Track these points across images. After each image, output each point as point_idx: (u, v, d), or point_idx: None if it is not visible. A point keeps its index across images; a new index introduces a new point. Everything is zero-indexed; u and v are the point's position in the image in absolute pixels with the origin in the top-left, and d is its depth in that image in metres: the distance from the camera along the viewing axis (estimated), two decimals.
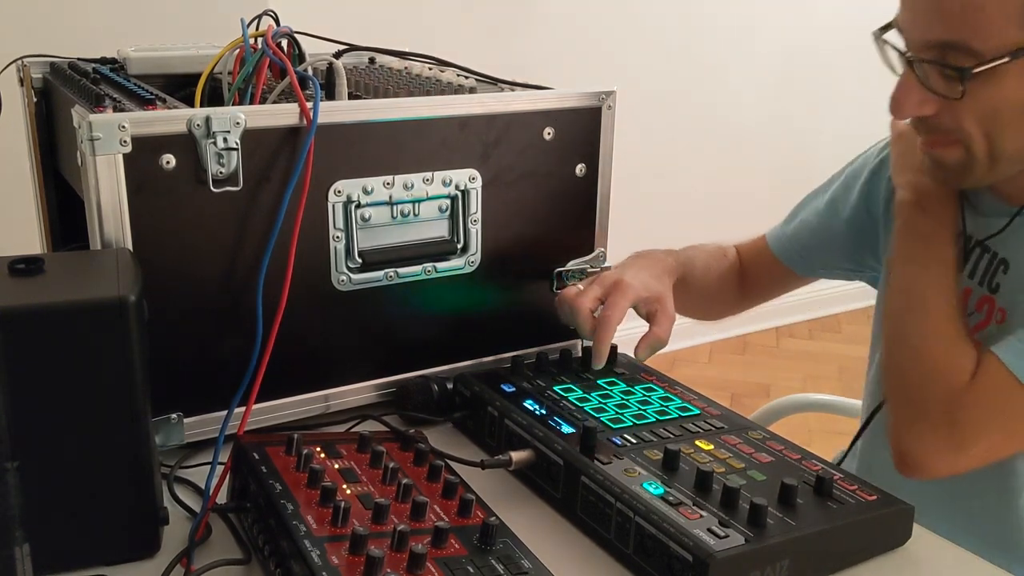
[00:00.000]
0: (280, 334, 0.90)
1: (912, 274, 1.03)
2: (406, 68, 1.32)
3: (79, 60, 1.30)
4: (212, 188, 0.91)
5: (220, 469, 0.87)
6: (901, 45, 0.96)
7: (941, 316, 1.00)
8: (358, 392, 1.05)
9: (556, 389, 1.01)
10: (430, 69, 1.27)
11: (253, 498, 0.82)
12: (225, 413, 0.89)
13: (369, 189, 0.99)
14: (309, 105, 0.93)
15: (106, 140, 0.86)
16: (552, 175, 1.10)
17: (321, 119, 0.93)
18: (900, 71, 0.97)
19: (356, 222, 1.00)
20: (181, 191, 0.90)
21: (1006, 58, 0.88)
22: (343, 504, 0.74)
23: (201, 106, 1.03)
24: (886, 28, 0.98)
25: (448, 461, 0.88)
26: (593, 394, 1.01)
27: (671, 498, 0.79)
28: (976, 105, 0.91)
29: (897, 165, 1.12)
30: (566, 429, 0.92)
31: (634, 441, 0.90)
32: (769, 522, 0.77)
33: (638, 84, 3.02)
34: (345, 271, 1.01)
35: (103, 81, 1.16)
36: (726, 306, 1.41)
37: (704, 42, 3.37)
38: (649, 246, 1.18)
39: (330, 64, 1.08)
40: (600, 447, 0.88)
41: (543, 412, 0.96)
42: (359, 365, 1.05)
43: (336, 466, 0.84)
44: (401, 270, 1.04)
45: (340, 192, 0.98)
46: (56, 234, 1.29)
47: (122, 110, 0.95)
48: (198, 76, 1.05)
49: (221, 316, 0.95)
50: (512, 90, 1.16)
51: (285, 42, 1.11)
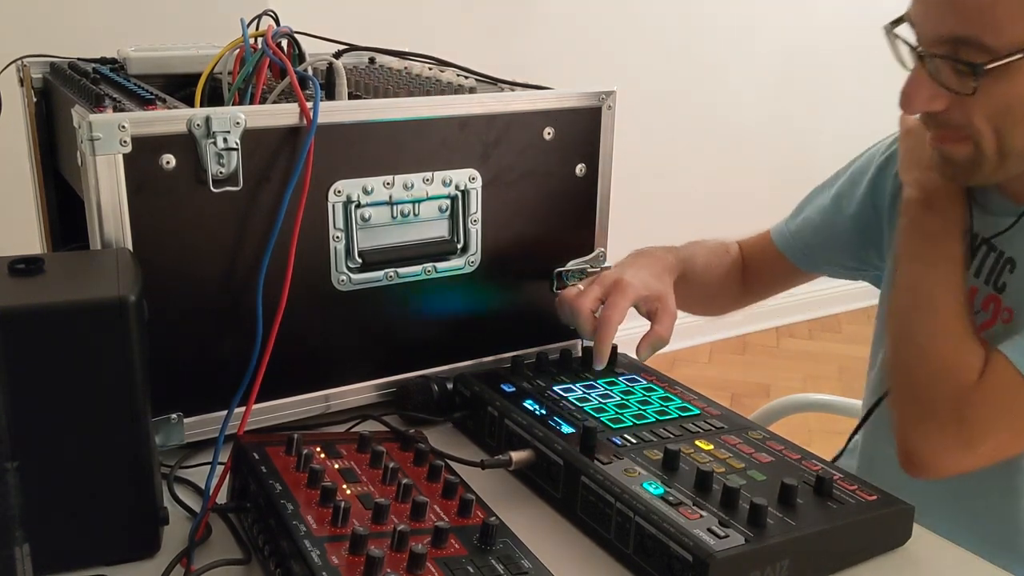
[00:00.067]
0: (280, 334, 0.90)
1: (919, 272, 1.03)
2: (406, 68, 1.32)
3: (79, 60, 1.30)
4: (212, 188, 0.91)
5: (220, 469, 0.87)
6: (912, 39, 0.95)
7: (949, 314, 0.99)
8: (358, 392, 1.05)
9: (556, 389, 1.01)
10: (430, 69, 1.27)
11: (253, 498, 0.82)
12: (225, 413, 0.89)
13: (369, 189, 1.00)
14: (309, 105, 0.93)
15: (106, 140, 0.86)
16: (552, 175, 1.10)
17: (321, 119, 0.93)
18: (911, 66, 0.96)
19: (356, 222, 1.00)
20: (181, 191, 0.90)
21: (1019, 54, 0.87)
22: (343, 504, 0.74)
23: (201, 106, 1.03)
24: (897, 22, 0.97)
25: (448, 461, 0.88)
26: (593, 394, 1.01)
27: (671, 498, 0.79)
28: (987, 101, 0.91)
29: (905, 161, 1.11)
30: (566, 429, 0.92)
31: (634, 441, 0.90)
32: (769, 522, 0.77)
33: (638, 84, 3.02)
34: (345, 271, 1.01)
35: (103, 81, 1.16)
36: (727, 302, 1.40)
37: (704, 42, 3.37)
38: (649, 246, 1.18)
39: (330, 64, 1.08)
40: (600, 447, 0.88)
41: (543, 412, 0.96)
42: (359, 365, 1.05)
43: (336, 466, 0.84)
44: (401, 270, 1.04)
45: (340, 192, 0.98)
46: (56, 234, 1.29)
47: (122, 110, 0.95)
48: (198, 76, 1.06)
49: (221, 316, 0.95)
50: (512, 90, 1.16)
51: (285, 42, 1.11)
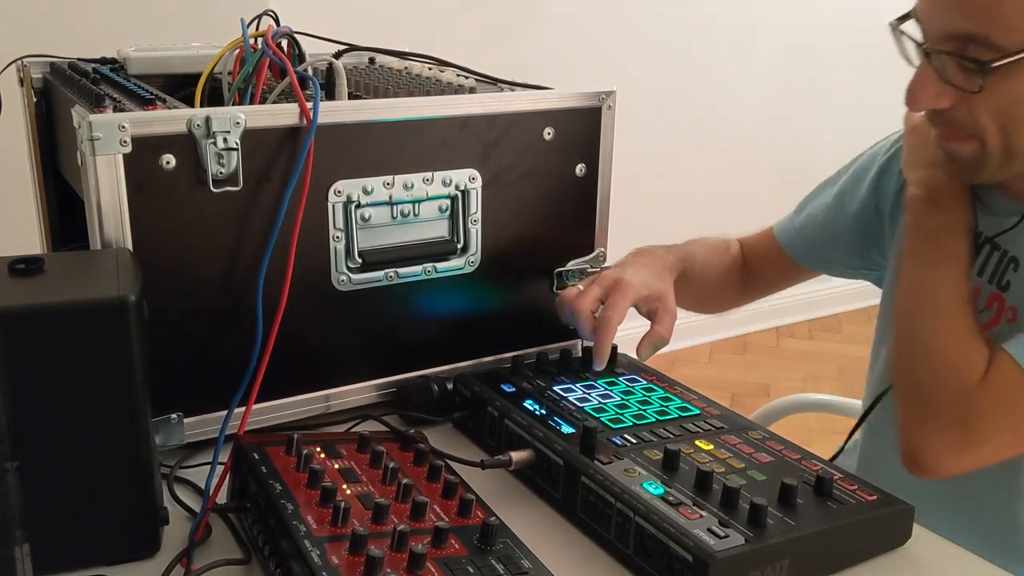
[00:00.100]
0: (280, 334, 0.90)
1: (923, 270, 1.02)
2: (406, 68, 1.32)
3: (79, 60, 1.30)
4: (212, 188, 0.91)
5: (220, 469, 0.87)
6: (918, 36, 0.95)
7: (953, 312, 0.99)
8: (358, 392, 1.05)
9: (556, 389, 1.01)
10: (430, 69, 1.27)
11: (253, 498, 0.82)
12: (225, 413, 0.89)
13: (369, 189, 0.99)
14: (309, 105, 0.93)
15: (106, 140, 0.86)
16: (552, 175, 1.10)
17: (321, 119, 0.93)
18: (916, 63, 0.96)
19: (356, 222, 1.00)
20: (181, 191, 0.90)
21: None
22: (343, 504, 0.74)
23: (201, 106, 1.03)
24: (904, 18, 0.97)
25: (448, 461, 0.88)
26: (593, 394, 1.01)
27: (671, 498, 0.79)
28: (994, 99, 0.91)
29: (909, 159, 1.11)
30: (566, 429, 0.92)
31: (634, 441, 0.90)
32: (769, 522, 0.77)
33: (638, 84, 3.01)
34: (345, 271, 1.00)
35: (103, 81, 1.16)
36: (727, 300, 1.40)
37: (704, 42, 3.37)
38: (649, 244, 1.18)
39: (330, 64, 1.08)
40: (600, 447, 0.88)
41: (543, 412, 0.96)
42: (359, 365, 1.05)
43: (336, 466, 0.84)
44: (401, 270, 1.04)
45: (340, 192, 0.98)
46: (56, 234, 1.29)
47: (122, 110, 0.95)
48: (198, 76, 1.05)
49: (221, 316, 0.95)
50: (512, 90, 1.16)
51: (285, 42, 1.11)
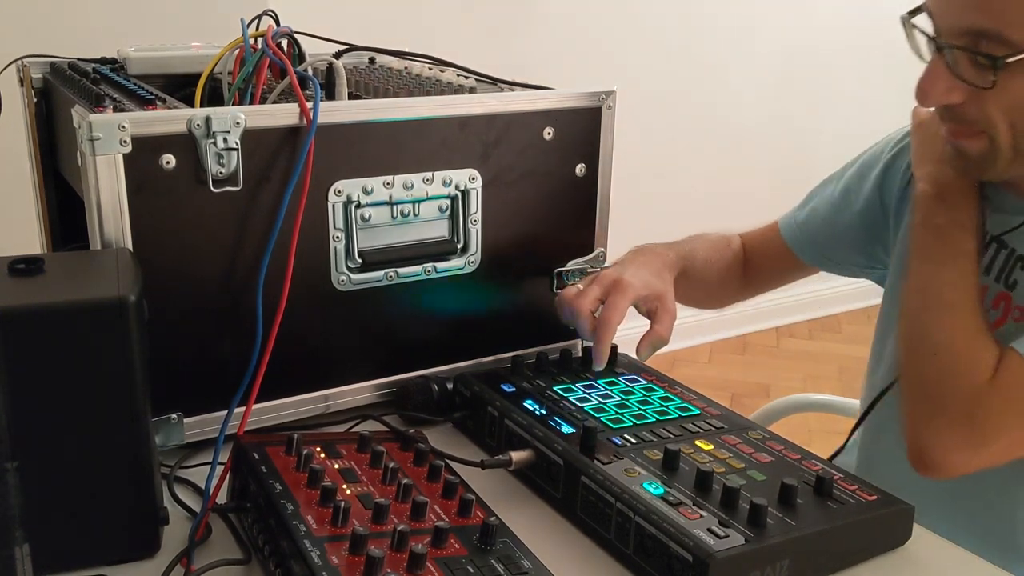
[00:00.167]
0: (280, 334, 0.90)
1: (932, 268, 1.02)
2: (406, 68, 1.32)
3: (79, 60, 1.30)
4: (212, 188, 0.91)
5: (220, 469, 0.87)
6: (930, 30, 0.94)
7: (962, 309, 0.98)
8: (358, 392, 1.05)
9: (556, 389, 1.01)
10: (430, 69, 1.27)
11: (253, 498, 0.82)
12: (225, 413, 0.89)
13: (369, 189, 0.99)
14: (309, 105, 0.93)
15: (106, 140, 0.86)
16: (552, 175, 1.10)
17: (321, 119, 0.93)
18: (928, 57, 0.95)
19: (356, 222, 1.00)
20: (181, 191, 0.90)
21: None
22: (343, 504, 0.74)
23: (201, 106, 1.03)
24: (915, 12, 0.96)
25: (448, 461, 0.88)
26: (593, 394, 1.01)
27: (671, 498, 0.79)
28: (1005, 96, 0.90)
29: (917, 155, 1.10)
30: (566, 429, 0.92)
31: (634, 441, 0.90)
32: (769, 522, 0.77)
33: (638, 84, 3.02)
34: (345, 271, 1.01)
35: (103, 81, 1.16)
36: (728, 295, 1.40)
37: (704, 42, 3.37)
38: (649, 243, 1.18)
39: (330, 64, 1.08)
40: (600, 447, 0.88)
41: (543, 412, 0.96)
42: (359, 365, 1.05)
43: (336, 466, 0.84)
44: (401, 270, 1.04)
45: (340, 192, 0.98)
46: (56, 234, 1.29)
47: (122, 110, 0.95)
48: (198, 76, 1.05)
49: (221, 316, 0.95)
50: (512, 90, 1.16)
51: (285, 42, 1.11)
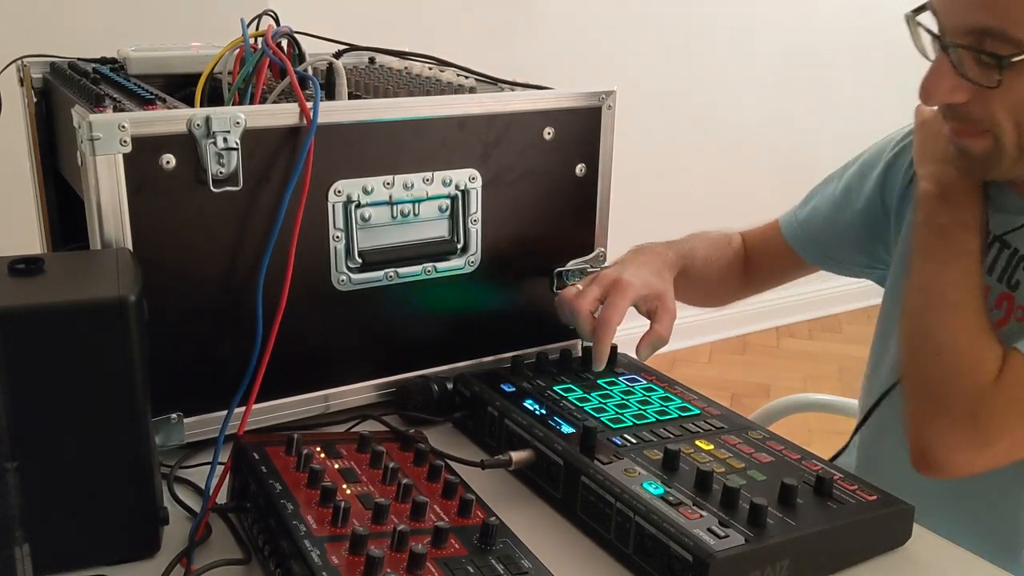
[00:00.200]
0: (280, 334, 0.90)
1: (933, 268, 1.01)
2: (406, 68, 1.32)
3: (79, 60, 1.30)
4: (212, 188, 0.91)
5: (220, 469, 0.87)
6: (935, 28, 0.94)
7: (965, 309, 0.98)
8: (358, 392, 1.05)
9: (556, 389, 1.01)
10: (430, 69, 1.27)
11: (253, 498, 0.82)
12: (225, 413, 0.89)
13: (369, 189, 0.99)
14: (309, 105, 0.93)
15: (106, 140, 0.86)
16: (552, 175, 1.10)
17: (321, 119, 0.93)
18: (932, 56, 0.95)
19: (356, 222, 1.00)
20: (181, 191, 0.90)
21: None
22: (343, 504, 0.74)
23: (201, 106, 1.03)
24: (919, 10, 0.95)
25: (448, 461, 0.88)
26: (593, 394, 1.01)
27: (671, 498, 0.79)
28: (1010, 95, 0.90)
29: (920, 154, 1.09)
30: (566, 429, 0.92)
31: (634, 441, 0.90)
32: (769, 522, 0.77)
33: (638, 84, 3.02)
34: (345, 271, 1.01)
35: (103, 81, 1.16)
36: (728, 294, 1.40)
37: (704, 42, 3.37)
38: (649, 242, 1.18)
39: (330, 64, 1.08)
40: (600, 447, 0.88)
41: (543, 412, 0.96)
42: (359, 365, 1.05)
43: (336, 466, 0.84)
44: (401, 270, 1.04)
45: (340, 192, 0.98)
46: (56, 234, 1.29)
47: (122, 110, 0.95)
48: (198, 76, 1.05)
49: (221, 316, 0.95)
50: (512, 90, 1.16)
51: (285, 42, 1.11)
